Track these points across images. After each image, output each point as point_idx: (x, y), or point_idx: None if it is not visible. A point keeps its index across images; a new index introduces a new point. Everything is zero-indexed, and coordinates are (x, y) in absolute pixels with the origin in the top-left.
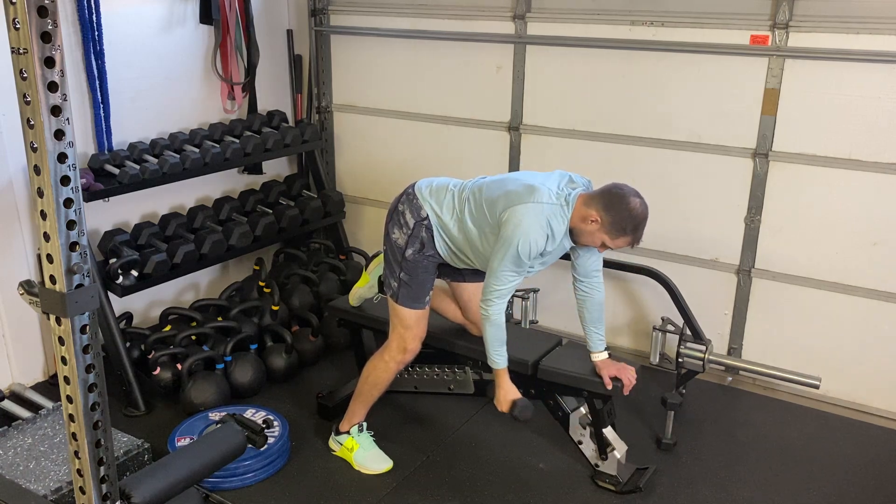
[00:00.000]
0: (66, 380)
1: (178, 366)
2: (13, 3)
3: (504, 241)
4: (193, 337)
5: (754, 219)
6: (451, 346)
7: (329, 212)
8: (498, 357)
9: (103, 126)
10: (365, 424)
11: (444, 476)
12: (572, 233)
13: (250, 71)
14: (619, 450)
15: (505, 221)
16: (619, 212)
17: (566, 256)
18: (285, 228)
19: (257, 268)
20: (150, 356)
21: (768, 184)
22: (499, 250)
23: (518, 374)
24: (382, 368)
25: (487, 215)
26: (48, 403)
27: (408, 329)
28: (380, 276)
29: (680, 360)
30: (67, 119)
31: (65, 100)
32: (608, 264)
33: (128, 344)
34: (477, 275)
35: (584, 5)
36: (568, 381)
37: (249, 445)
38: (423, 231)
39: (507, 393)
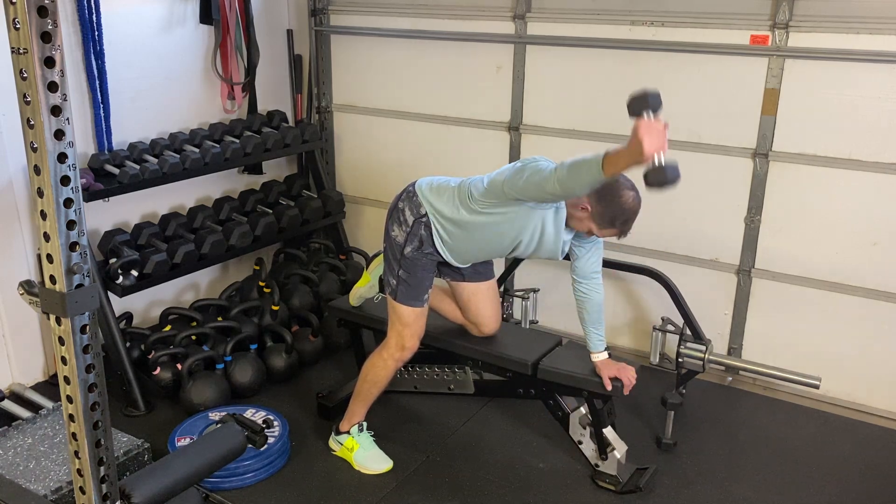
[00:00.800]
0: (66, 380)
1: (178, 366)
2: (13, 3)
3: (509, 172)
4: (193, 337)
5: (754, 219)
6: (451, 346)
7: (329, 212)
8: (591, 157)
9: (103, 126)
10: (365, 424)
11: (444, 476)
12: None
13: (250, 71)
14: (619, 450)
15: (505, 173)
16: (611, 203)
17: (565, 256)
18: (285, 228)
19: (257, 268)
20: (150, 356)
21: (768, 184)
22: (511, 178)
23: (518, 374)
24: (381, 366)
25: (487, 195)
26: (48, 403)
27: (406, 327)
28: (380, 276)
29: (680, 360)
30: (67, 119)
31: (65, 100)
32: (608, 264)
33: (128, 344)
34: (476, 274)
35: (584, 5)
36: (568, 381)
37: (249, 445)
38: (421, 228)
39: (648, 134)
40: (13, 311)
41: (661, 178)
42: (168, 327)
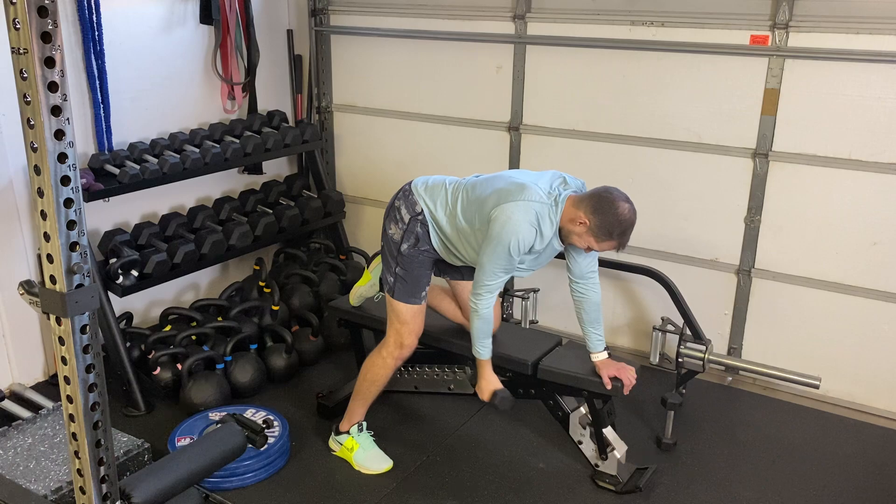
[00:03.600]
0: (67, 380)
1: (178, 366)
2: (13, 3)
3: (493, 238)
4: (193, 337)
5: (754, 219)
6: (450, 346)
7: (329, 212)
8: (482, 349)
9: (103, 126)
10: (365, 424)
11: (444, 476)
12: (561, 232)
13: (250, 71)
14: (619, 450)
15: (494, 219)
16: (607, 216)
17: (562, 256)
18: (285, 228)
19: (257, 268)
20: (150, 356)
21: (768, 184)
22: (487, 246)
23: (518, 374)
24: (380, 365)
25: (478, 212)
26: (48, 403)
27: (404, 324)
28: (381, 275)
29: (680, 360)
30: (67, 119)
31: (65, 100)
32: (608, 264)
33: (128, 344)
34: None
35: (584, 5)
36: (568, 381)
37: (249, 445)
38: (417, 226)
39: (490, 383)
40: (13, 311)
41: (493, 406)
42: (168, 327)
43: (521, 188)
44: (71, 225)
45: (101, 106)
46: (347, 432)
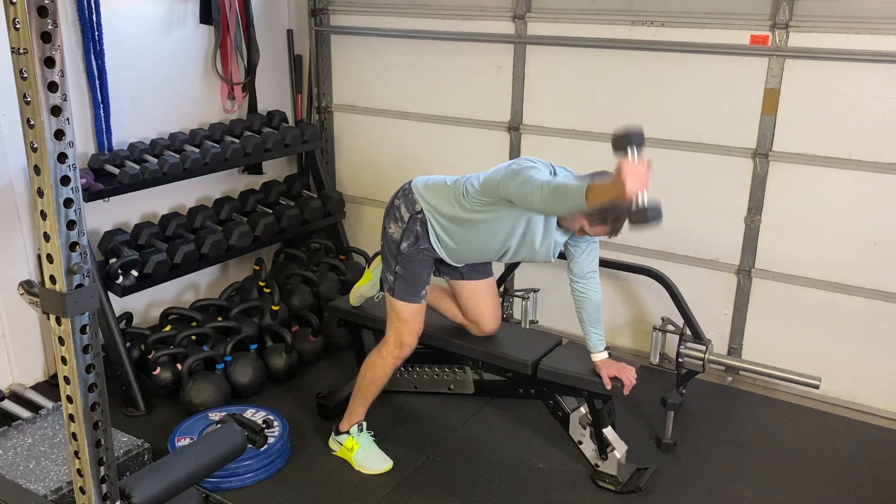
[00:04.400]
0: (66, 380)
1: (178, 366)
2: (13, 3)
3: (507, 170)
4: (193, 337)
5: (754, 219)
6: (451, 346)
7: (329, 212)
8: (576, 185)
9: (103, 126)
10: (365, 424)
11: (444, 476)
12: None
13: (250, 71)
14: (619, 450)
15: (499, 169)
16: None
17: (563, 256)
18: (285, 228)
19: (257, 268)
20: (150, 356)
21: (768, 184)
22: (507, 177)
23: (518, 374)
24: (380, 364)
25: (479, 196)
26: (48, 403)
27: (404, 323)
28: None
29: (680, 360)
30: (67, 119)
31: (65, 100)
32: (608, 264)
33: (128, 344)
34: (475, 272)
35: (584, 5)
36: (568, 381)
37: (249, 445)
38: (417, 225)
39: (636, 173)
40: (13, 311)
41: (643, 217)
42: (168, 327)
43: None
44: (71, 225)
45: (101, 106)
46: (347, 432)
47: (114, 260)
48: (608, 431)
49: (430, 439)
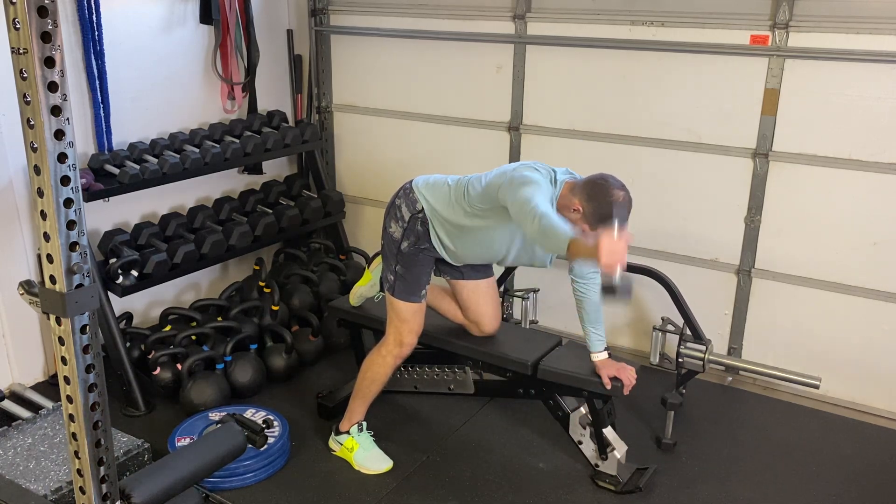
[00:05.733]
0: (66, 380)
1: (178, 366)
2: (13, 3)
3: (507, 178)
4: (193, 337)
5: (754, 219)
6: (451, 346)
7: (329, 212)
8: (564, 231)
9: (103, 126)
10: (365, 424)
11: (444, 476)
12: None
13: (250, 71)
14: (619, 450)
15: (500, 174)
16: (602, 202)
17: (561, 256)
18: (285, 228)
19: (257, 268)
20: (150, 356)
21: (768, 184)
22: (507, 188)
23: (518, 374)
24: (380, 363)
25: (479, 199)
26: (48, 403)
27: (404, 322)
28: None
29: (680, 360)
30: (67, 119)
31: (65, 100)
32: None
33: (128, 344)
34: (475, 272)
35: (584, 5)
36: (568, 381)
37: (249, 445)
38: (417, 224)
39: (615, 250)
40: (13, 311)
41: (611, 293)
42: (168, 327)
43: (520, 162)
44: (71, 225)
45: (101, 106)
46: (347, 432)
47: (114, 260)
48: (608, 431)
49: (430, 439)
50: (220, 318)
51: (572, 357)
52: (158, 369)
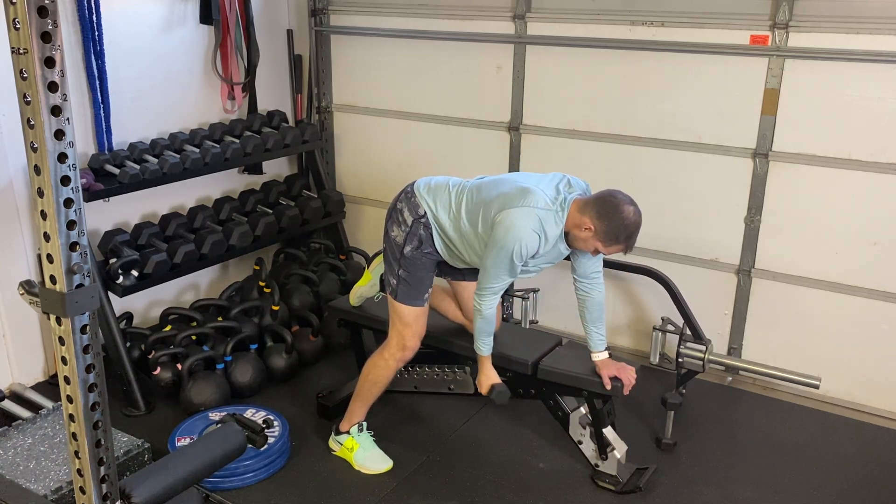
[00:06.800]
0: (67, 380)
1: (178, 366)
2: (13, 3)
3: (496, 243)
4: (193, 337)
5: (754, 219)
6: (451, 346)
7: (329, 212)
8: (484, 346)
9: (103, 126)
10: (365, 424)
11: (444, 476)
12: (567, 237)
13: (250, 71)
14: (619, 450)
15: (498, 223)
16: (613, 220)
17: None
18: (285, 228)
19: (257, 268)
20: (150, 356)
21: (768, 184)
22: (491, 251)
23: (518, 374)
24: (382, 366)
25: (482, 216)
26: (48, 403)
27: (407, 326)
28: (381, 275)
29: (680, 360)
30: (67, 119)
31: (65, 100)
32: (608, 264)
33: (128, 344)
34: (475, 273)
35: (584, 5)
36: (568, 381)
37: (249, 445)
38: (420, 228)
39: (489, 378)
40: (13, 311)
41: (489, 398)
42: (168, 327)
43: (525, 193)
44: (71, 225)
45: (101, 106)
46: (347, 432)
47: (114, 260)
48: (608, 431)
49: (430, 439)
50: (220, 318)
51: (572, 357)
52: (158, 369)
